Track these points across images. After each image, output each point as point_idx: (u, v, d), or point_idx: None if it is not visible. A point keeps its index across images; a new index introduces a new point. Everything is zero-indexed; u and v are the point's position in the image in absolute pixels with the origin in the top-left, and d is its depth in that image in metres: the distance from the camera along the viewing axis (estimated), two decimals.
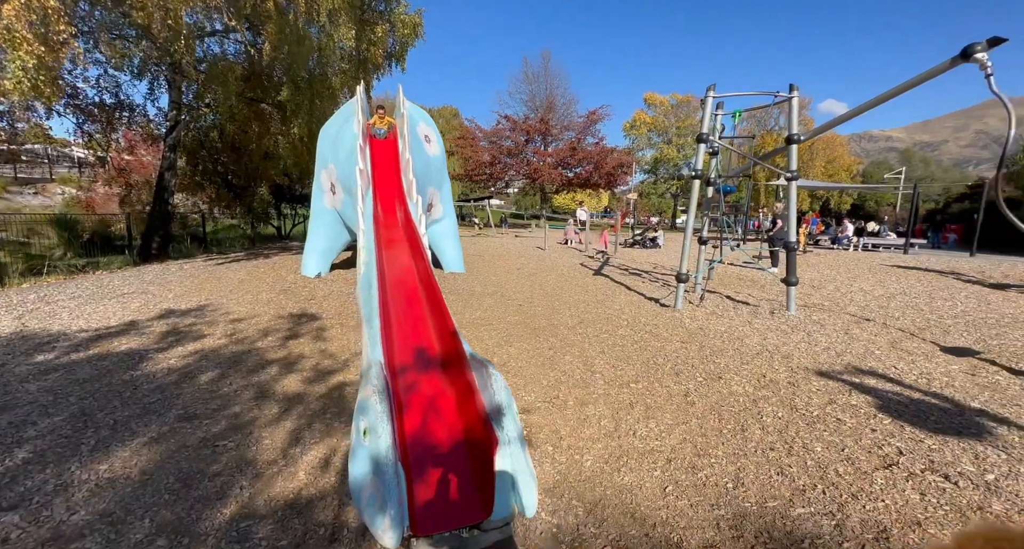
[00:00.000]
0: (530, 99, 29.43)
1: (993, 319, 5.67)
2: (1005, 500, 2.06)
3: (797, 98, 5.52)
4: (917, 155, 47.00)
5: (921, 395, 3.27)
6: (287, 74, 11.71)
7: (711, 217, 7.24)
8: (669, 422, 2.92)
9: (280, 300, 6.21)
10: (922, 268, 10.70)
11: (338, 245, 8.28)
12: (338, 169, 7.19)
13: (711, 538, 1.91)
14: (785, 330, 4.92)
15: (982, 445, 2.54)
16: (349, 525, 2.03)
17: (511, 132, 27.30)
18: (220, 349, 4.21)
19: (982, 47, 4.20)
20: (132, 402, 3.07)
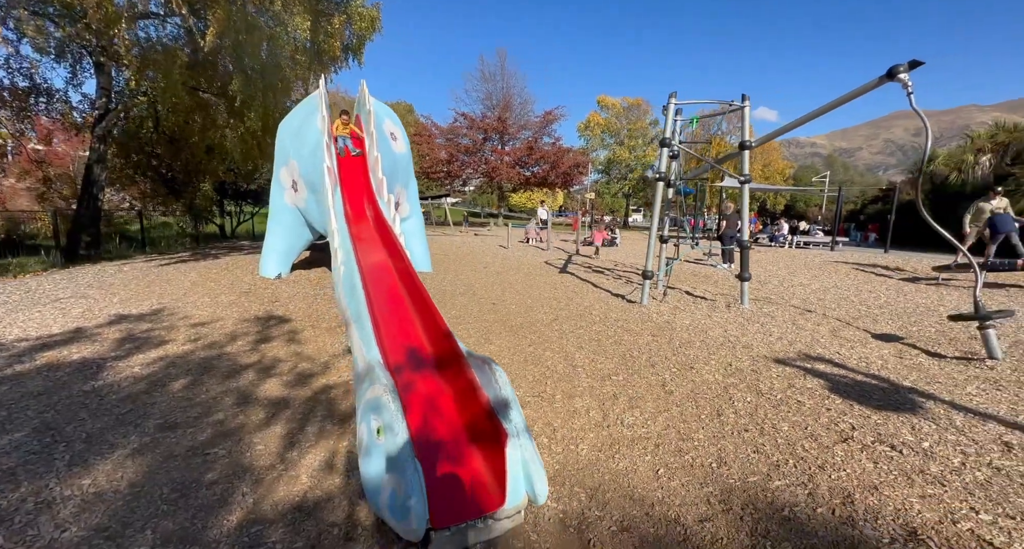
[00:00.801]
0: (487, 97, 29.49)
1: (911, 308, 6.41)
2: (939, 463, 2.41)
3: (749, 107, 5.98)
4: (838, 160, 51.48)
5: (863, 377, 3.69)
6: (236, 64, 11.10)
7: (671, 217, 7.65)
8: (652, 410, 3.13)
9: (242, 302, 5.94)
10: (848, 263, 11.80)
11: (299, 245, 7.99)
12: (301, 165, 6.95)
13: (705, 513, 2.11)
14: (742, 322, 5.34)
15: (916, 418, 2.94)
16: (363, 524, 2.05)
17: (468, 130, 27.22)
18: (187, 355, 4.00)
19: (904, 68, 4.71)
20: (102, 413, 2.89)
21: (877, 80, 4.98)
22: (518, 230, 18.16)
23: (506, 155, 26.69)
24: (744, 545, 1.89)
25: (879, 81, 4.97)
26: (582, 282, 8.05)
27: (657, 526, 2.04)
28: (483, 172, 27.20)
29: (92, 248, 11.11)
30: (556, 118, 27.39)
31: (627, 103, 32.60)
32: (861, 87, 5.18)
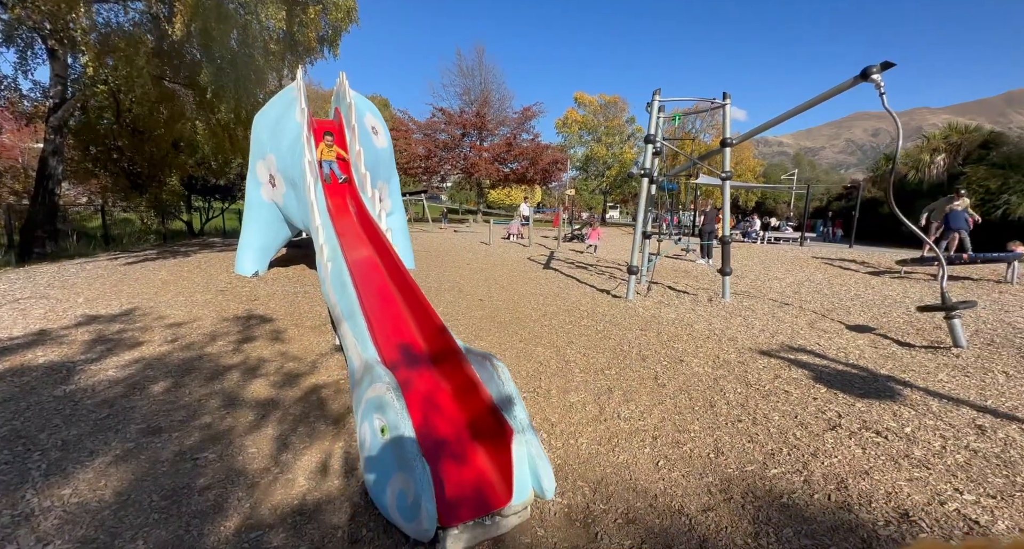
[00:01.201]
0: (465, 93, 29.16)
1: (879, 300, 6.69)
2: (921, 447, 2.53)
3: (730, 105, 6.10)
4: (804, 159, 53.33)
5: (843, 366, 3.83)
6: (205, 53, 10.65)
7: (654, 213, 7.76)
8: (647, 403, 3.17)
9: (219, 301, 5.73)
10: (817, 258, 12.25)
11: (277, 241, 7.75)
12: (279, 160, 6.72)
13: (707, 502, 2.15)
14: (725, 315, 5.47)
15: (896, 405, 3.07)
16: (368, 525, 2.01)
17: (446, 125, 26.93)
18: (165, 357, 3.83)
19: (877, 69, 4.88)
20: (78, 419, 2.73)
21: (852, 80, 5.14)
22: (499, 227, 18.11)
23: (485, 151, 26.54)
24: (747, 533, 1.93)
25: (853, 81, 5.13)
26: (567, 278, 8.09)
27: (662, 517, 2.07)
28: (462, 168, 26.99)
29: (48, 246, 10.52)
30: (534, 114, 27.40)
31: (604, 100, 32.91)
32: (836, 87, 5.35)
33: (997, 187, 19.06)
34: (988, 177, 19.59)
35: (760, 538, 1.89)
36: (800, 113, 5.65)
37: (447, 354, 2.88)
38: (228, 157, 14.26)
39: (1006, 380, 3.53)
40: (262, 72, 11.44)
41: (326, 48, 12.30)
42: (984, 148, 21.35)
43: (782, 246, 17.23)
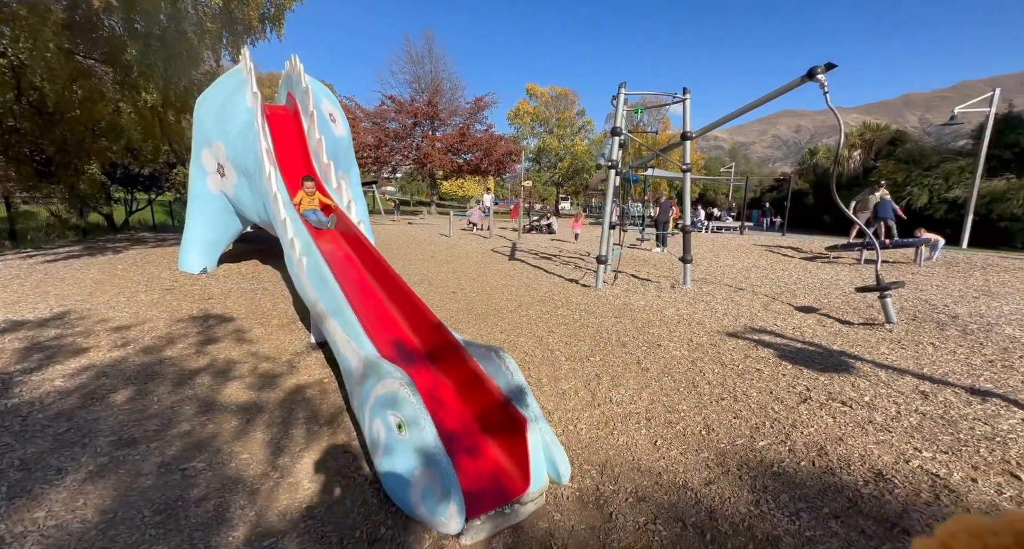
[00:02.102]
0: (415, 80, 28.34)
1: (817, 283, 7.31)
2: (881, 413, 2.83)
3: (690, 99, 6.38)
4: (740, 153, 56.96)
5: (801, 344, 4.18)
6: (129, 28, 9.63)
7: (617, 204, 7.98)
8: (634, 387, 3.30)
9: (168, 301, 5.29)
10: (757, 245, 13.14)
11: (227, 236, 7.24)
12: (228, 148, 6.26)
13: (707, 476, 2.29)
14: (690, 301, 5.77)
15: (852, 377, 3.40)
16: (385, 522, 1.97)
17: (397, 114, 26.07)
18: (119, 363, 3.50)
19: (821, 70, 5.26)
20: (32, 436, 2.45)
21: (799, 80, 5.52)
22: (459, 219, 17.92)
23: (438, 141, 26.00)
24: (749, 501, 2.09)
25: (801, 80, 5.51)
26: (533, 269, 8.17)
27: (669, 493, 2.18)
28: (414, 159, 26.29)
29: None
30: (487, 105, 27.14)
31: (555, 92, 33.21)
32: (785, 85, 5.72)
33: (903, 180, 21.26)
34: (895, 171, 21.79)
35: (761, 505, 2.05)
36: (753, 110, 6.01)
37: (446, 349, 2.85)
38: (158, 143, 13.04)
39: (934, 350, 3.99)
40: (196, 51, 10.51)
41: (269, 27, 11.49)
42: (892, 145, 23.72)
43: (724, 235, 18.31)
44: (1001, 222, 18.52)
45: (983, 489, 2.07)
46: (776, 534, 1.86)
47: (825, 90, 5.24)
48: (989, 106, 14.73)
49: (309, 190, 5.13)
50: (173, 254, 8.74)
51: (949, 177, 20.02)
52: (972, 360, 3.73)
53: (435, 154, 25.56)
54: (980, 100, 15.11)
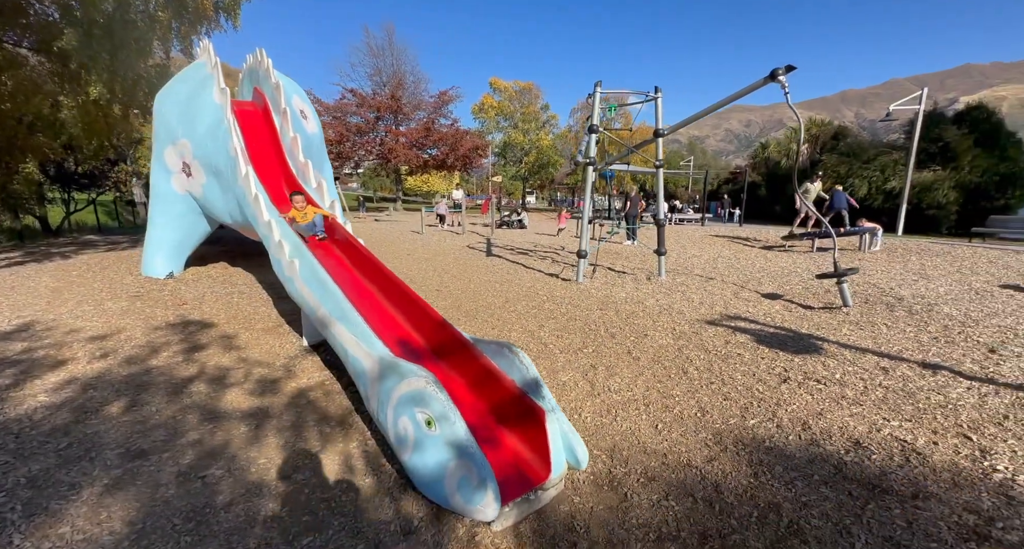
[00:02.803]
0: (376, 73, 27.59)
1: (777, 271, 7.81)
2: (851, 388, 3.13)
3: (661, 98, 6.64)
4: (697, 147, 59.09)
5: (773, 329, 4.51)
6: (66, 14, 8.96)
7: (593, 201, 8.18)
8: (629, 376, 3.49)
9: (140, 308, 5.06)
10: (718, 236, 13.79)
11: (194, 238, 6.93)
12: (195, 146, 6.00)
13: (709, 454, 2.49)
14: (666, 292, 6.06)
15: (822, 357, 3.72)
16: (416, 515, 2.05)
17: (359, 108, 25.38)
18: (103, 375, 3.36)
19: (782, 71, 5.58)
20: (33, 453, 2.35)
21: (762, 80, 5.83)
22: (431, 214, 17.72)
23: (402, 136, 25.54)
24: (749, 474, 2.30)
25: (764, 81, 5.83)
26: (512, 264, 8.29)
27: (676, 472, 2.37)
28: (378, 154, 25.73)
29: None
30: (451, 99, 26.86)
31: (519, 87, 33.25)
32: (750, 85, 6.04)
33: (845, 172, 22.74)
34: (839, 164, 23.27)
35: (760, 477, 2.26)
36: (719, 109, 6.32)
37: (454, 347, 2.92)
38: (103, 140, 12.19)
39: (887, 330, 4.41)
40: (145, 42, 9.93)
41: (224, 17, 10.96)
42: (835, 139, 25.28)
43: (686, 227, 19.03)
44: (929, 210, 20.22)
45: (943, 450, 2.37)
46: (776, 501, 2.07)
47: (786, 90, 5.58)
48: (919, 103, 16.01)
49: (300, 205, 4.65)
50: (130, 258, 8.29)
51: (885, 169, 21.59)
52: (920, 337, 4.16)
53: (400, 149, 25.13)
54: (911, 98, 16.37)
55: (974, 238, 14.56)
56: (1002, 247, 10.79)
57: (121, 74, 9.92)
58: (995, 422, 2.63)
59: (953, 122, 21.13)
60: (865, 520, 1.91)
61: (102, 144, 12.79)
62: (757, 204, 27.10)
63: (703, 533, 1.93)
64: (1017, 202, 19.83)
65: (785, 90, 5.59)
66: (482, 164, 28.19)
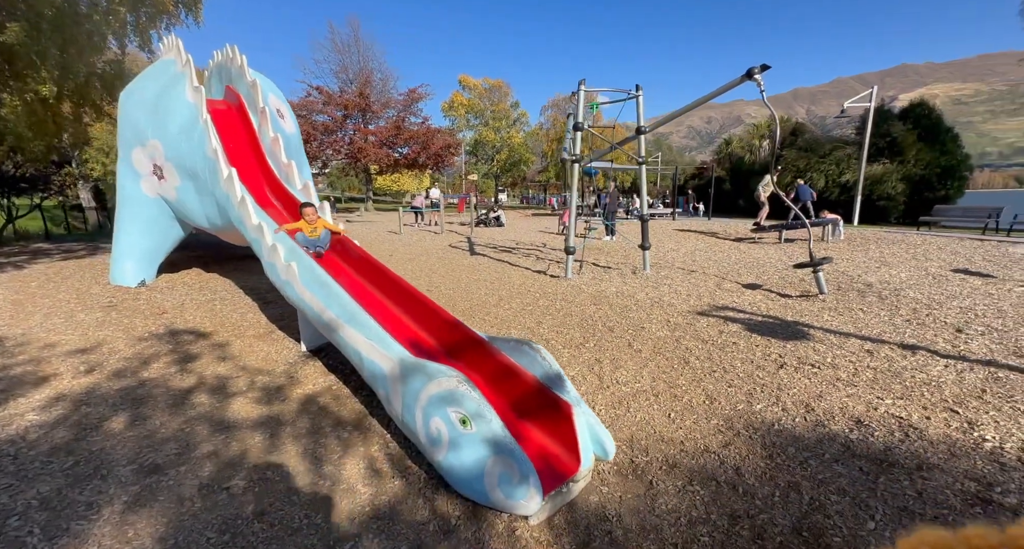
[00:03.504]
0: (342, 70, 26.92)
1: (752, 262, 8.15)
2: (843, 371, 3.33)
3: (642, 96, 6.79)
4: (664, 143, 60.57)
5: (761, 317, 4.72)
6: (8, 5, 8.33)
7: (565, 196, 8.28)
8: (633, 368, 3.59)
9: (117, 320, 4.80)
10: (690, 230, 14.23)
11: (167, 244, 6.62)
12: (168, 148, 5.72)
13: (723, 439, 2.60)
14: (654, 285, 6.23)
15: (811, 342, 3.93)
16: (453, 514, 2.06)
17: (325, 106, 24.70)
18: (93, 390, 3.18)
19: (758, 70, 5.82)
20: (38, 474, 2.21)
21: (739, 79, 6.06)
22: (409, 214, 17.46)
23: (371, 134, 25.02)
24: (764, 456, 2.42)
25: (741, 79, 6.06)
26: (498, 262, 8.31)
27: (695, 458, 2.46)
28: (347, 153, 25.12)
29: None
30: (421, 96, 26.48)
31: (488, 84, 33.17)
32: (728, 84, 6.25)
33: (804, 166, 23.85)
34: (798, 158, 24.37)
35: (775, 458, 2.39)
36: (698, 107, 6.53)
37: (468, 345, 2.93)
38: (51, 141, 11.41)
39: (864, 315, 4.70)
40: (100, 36, 9.35)
41: (184, 12, 10.43)
42: (793, 135, 26.44)
43: (658, 221, 19.51)
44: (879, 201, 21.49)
45: (936, 424, 2.57)
46: (795, 480, 2.20)
47: (761, 88, 5.81)
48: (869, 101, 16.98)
49: (311, 218, 4.26)
50: (93, 266, 7.86)
51: (840, 163, 22.78)
52: (894, 320, 4.45)
53: (369, 148, 24.63)
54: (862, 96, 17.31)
55: (921, 226, 15.57)
56: (947, 235, 11.62)
57: (72, 70, 9.31)
58: (975, 396, 2.86)
59: (898, 118, 22.48)
60: (879, 493, 2.05)
61: (49, 145, 11.97)
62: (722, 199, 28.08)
63: (732, 515, 2.02)
64: (955, 192, 21.34)
65: (761, 88, 5.82)
66: (454, 162, 27.97)
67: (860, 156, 16.88)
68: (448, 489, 2.20)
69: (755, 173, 25.09)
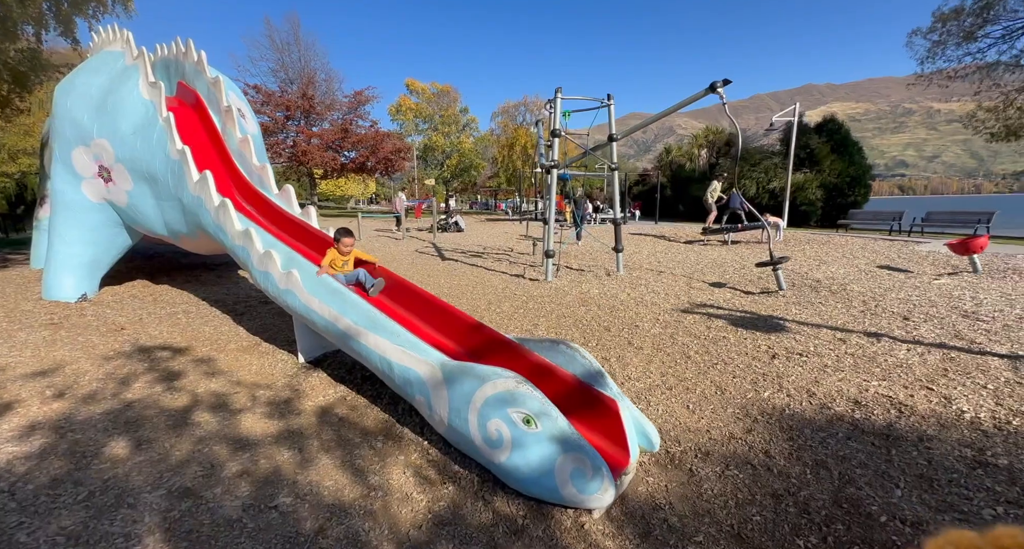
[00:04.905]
0: (280, 68, 25.62)
1: (711, 263, 8.71)
2: (828, 358, 3.68)
3: (613, 105, 7.10)
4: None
5: (739, 313, 5.08)
6: None
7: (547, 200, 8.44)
8: (640, 364, 3.74)
9: (69, 338, 4.30)
10: (642, 234, 14.93)
11: (112, 253, 6.00)
12: (118, 148, 5.21)
13: (744, 426, 2.79)
14: (632, 286, 6.50)
15: (790, 334, 4.30)
16: (517, 514, 2.06)
17: (264, 106, 23.34)
18: (71, 415, 2.84)
19: (720, 84, 6.27)
20: (50, 508, 1.94)
21: (703, 92, 6.51)
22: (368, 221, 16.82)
23: (315, 137, 23.96)
24: (786, 438, 2.63)
25: (704, 92, 6.50)
26: (472, 267, 8.28)
27: (724, 444, 2.63)
28: (289, 156, 23.87)
29: None
30: (368, 99, 25.74)
31: (436, 89, 32.89)
32: (692, 96, 6.70)
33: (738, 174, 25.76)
34: (732, 167, 26.30)
35: (796, 440, 2.60)
36: (666, 116, 6.93)
37: (495, 348, 2.93)
38: None
39: (824, 308, 5.19)
40: (12, 23, 8.29)
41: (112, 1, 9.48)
42: (727, 145, 28.49)
43: (609, 226, 20.28)
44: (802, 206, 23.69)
45: (920, 401, 2.92)
46: (820, 458, 2.41)
47: (723, 100, 6.27)
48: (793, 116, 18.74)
49: (347, 249, 3.76)
50: (8, 280, 6.96)
51: (768, 172, 24.84)
52: (851, 312, 4.96)
53: (314, 151, 23.58)
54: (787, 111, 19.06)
55: (839, 228, 17.34)
56: (862, 236, 13.05)
57: None
58: (941, 374, 3.28)
59: (815, 132, 24.96)
60: (896, 463, 2.30)
61: None
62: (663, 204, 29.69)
63: (774, 494, 2.19)
64: (863, 199, 24.02)
65: (723, 100, 6.28)
66: (405, 167, 27.43)
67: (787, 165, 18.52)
68: (506, 490, 2.20)
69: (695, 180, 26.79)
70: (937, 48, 16.05)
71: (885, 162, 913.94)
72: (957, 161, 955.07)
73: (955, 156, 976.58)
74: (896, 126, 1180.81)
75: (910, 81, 18.11)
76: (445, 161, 32.12)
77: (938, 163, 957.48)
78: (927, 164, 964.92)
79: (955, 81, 16.60)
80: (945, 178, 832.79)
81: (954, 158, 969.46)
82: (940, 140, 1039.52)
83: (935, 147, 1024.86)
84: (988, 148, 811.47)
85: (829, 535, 1.89)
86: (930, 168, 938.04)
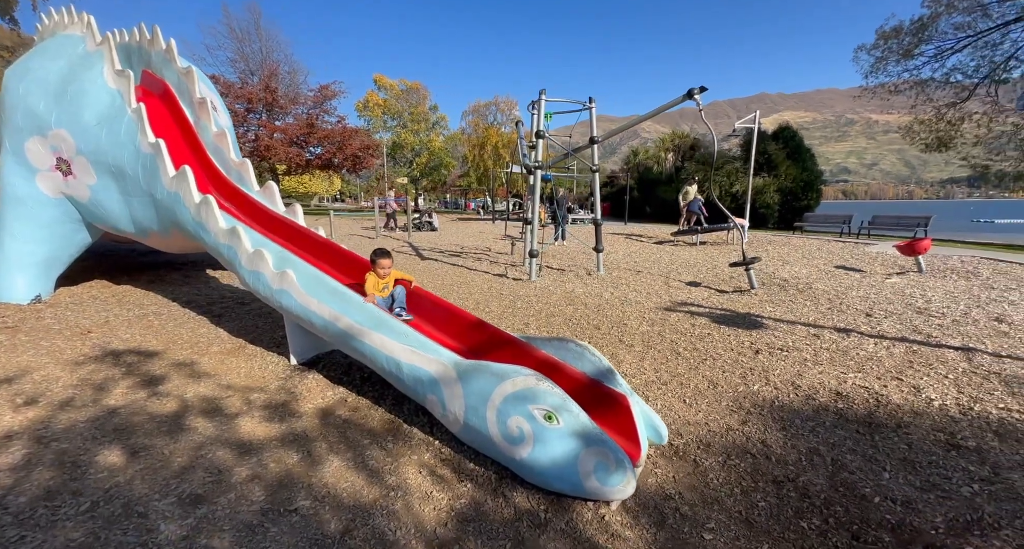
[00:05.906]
0: (240, 59, 24.53)
1: (685, 263, 9.04)
2: (805, 352, 3.91)
3: (595, 107, 7.24)
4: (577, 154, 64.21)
5: (719, 311, 5.31)
6: None
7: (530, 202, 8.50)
8: (634, 361, 3.86)
9: (31, 342, 4.00)
10: (615, 234, 15.28)
11: (69, 251, 5.60)
12: (80, 139, 4.88)
13: (739, 418, 2.94)
14: (614, 285, 6.66)
15: (769, 330, 4.54)
16: (540, 508, 2.10)
17: (223, 98, 22.27)
18: (50, 423, 2.65)
19: (697, 91, 6.52)
20: (52, 522, 1.81)
21: (681, 98, 6.74)
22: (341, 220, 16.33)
23: (278, 131, 23.09)
24: (778, 428, 2.79)
25: (682, 99, 6.73)
26: (454, 267, 8.24)
27: (723, 436, 2.76)
28: (251, 151, 22.88)
29: None
30: (334, 94, 25.03)
31: (405, 86, 32.36)
32: (670, 102, 6.91)
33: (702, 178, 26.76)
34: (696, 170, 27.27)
35: (788, 429, 2.77)
36: (644, 121, 7.14)
37: (497, 345, 2.96)
38: None
39: (794, 305, 5.51)
40: None
41: None
42: (692, 149, 29.53)
43: (583, 226, 20.60)
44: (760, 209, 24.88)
45: (892, 391, 3.16)
46: (813, 446, 2.58)
47: (700, 107, 6.52)
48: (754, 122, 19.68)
49: (385, 271, 3.49)
50: None
51: (730, 175, 25.93)
52: (819, 309, 5.29)
53: (278, 146, 22.74)
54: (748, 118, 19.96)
55: (795, 231, 18.32)
56: (816, 238, 13.85)
57: None
58: (907, 365, 3.56)
59: (772, 139, 26.27)
60: (880, 448, 2.50)
61: None
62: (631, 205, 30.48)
63: (775, 480, 2.33)
64: (815, 202, 25.49)
65: (700, 106, 6.52)
66: (373, 165, 26.86)
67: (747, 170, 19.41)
68: (524, 485, 2.24)
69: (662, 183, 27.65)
70: (880, 64, 17.24)
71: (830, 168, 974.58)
72: (893, 169, 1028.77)
73: (891, 164, 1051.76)
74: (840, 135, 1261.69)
75: (856, 93, 19.37)
76: (414, 159, 31.69)
77: (876, 170, 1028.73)
78: (867, 171, 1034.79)
79: (895, 95, 17.88)
80: (883, 184, 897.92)
81: (890, 166, 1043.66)
82: (878, 149, 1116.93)
83: (874, 155, 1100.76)
84: (919, 157, 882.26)
85: (830, 517, 2.03)
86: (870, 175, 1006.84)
